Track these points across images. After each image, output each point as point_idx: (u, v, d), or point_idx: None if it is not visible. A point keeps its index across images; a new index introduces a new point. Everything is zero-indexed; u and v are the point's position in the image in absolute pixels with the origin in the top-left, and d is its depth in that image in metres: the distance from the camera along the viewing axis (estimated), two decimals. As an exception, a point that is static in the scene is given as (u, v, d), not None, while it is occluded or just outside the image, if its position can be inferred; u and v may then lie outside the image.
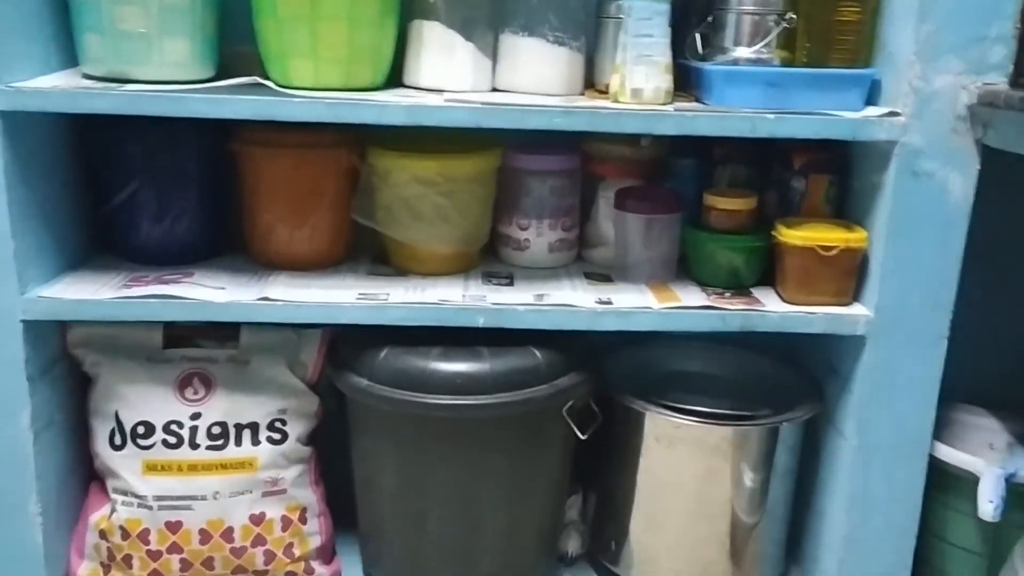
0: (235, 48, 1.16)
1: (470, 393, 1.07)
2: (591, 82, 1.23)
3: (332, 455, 1.23)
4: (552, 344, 1.13)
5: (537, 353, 1.12)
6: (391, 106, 1.02)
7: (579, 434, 1.15)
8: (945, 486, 1.19)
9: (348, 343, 1.16)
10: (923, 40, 1.01)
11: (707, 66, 1.10)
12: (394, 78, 1.16)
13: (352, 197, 1.18)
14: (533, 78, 1.17)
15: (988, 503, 1.09)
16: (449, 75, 1.16)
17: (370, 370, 1.11)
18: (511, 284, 1.18)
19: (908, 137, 1.04)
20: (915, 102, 1.03)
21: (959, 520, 1.20)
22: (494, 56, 1.18)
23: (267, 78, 1.09)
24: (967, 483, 1.15)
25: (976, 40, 1.01)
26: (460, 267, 1.21)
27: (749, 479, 1.17)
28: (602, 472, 1.26)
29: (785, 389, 1.25)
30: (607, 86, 1.14)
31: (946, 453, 1.17)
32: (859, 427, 1.14)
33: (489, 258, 1.27)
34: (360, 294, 1.11)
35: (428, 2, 1.14)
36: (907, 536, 1.18)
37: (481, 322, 1.09)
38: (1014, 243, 1.31)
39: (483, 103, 1.03)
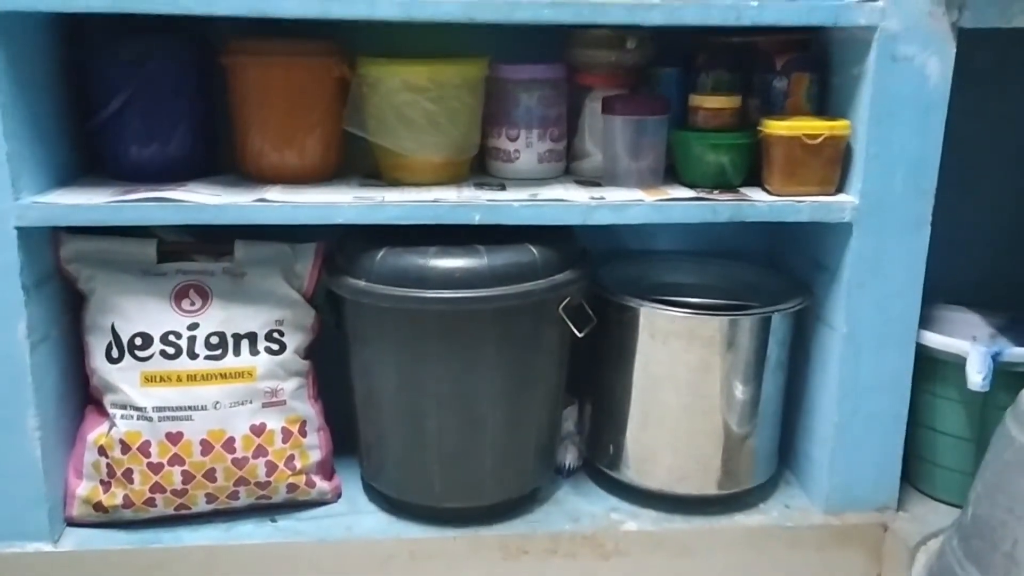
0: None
1: (468, 287, 1.09)
2: None
3: (330, 378, 1.24)
4: (548, 242, 1.15)
5: (533, 250, 1.13)
6: (381, 1, 1.03)
7: (576, 331, 1.16)
8: (932, 374, 1.22)
9: (344, 250, 1.17)
10: (898, -76, 1.04)
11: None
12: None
13: (343, 108, 1.18)
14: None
15: (977, 374, 1.13)
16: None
17: (368, 271, 1.12)
18: (503, 189, 1.19)
19: (886, 22, 1.07)
20: (892, -13, 1.06)
21: (947, 407, 1.23)
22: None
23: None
24: (954, 368, 1.19)
25: (949, -77, 1.04)
26: (451, 177, 1.23)
27: (742, 372, 1.19)
28: (597, 377, 1.27)
29: (774, 292, 1.27)
30: None
31: (932, 339, 1.20)
32: (847, 316, 1.17)
33: (479, 171, 1.29)
34: (355, 196, 1.12)
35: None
36: (898, 422, 1.21)
37: (477, 219, 1.10)
38: (988, 141, 1.35)
39: (473, -5, 1.05)
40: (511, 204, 1.11)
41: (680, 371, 1.19)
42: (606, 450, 1.28)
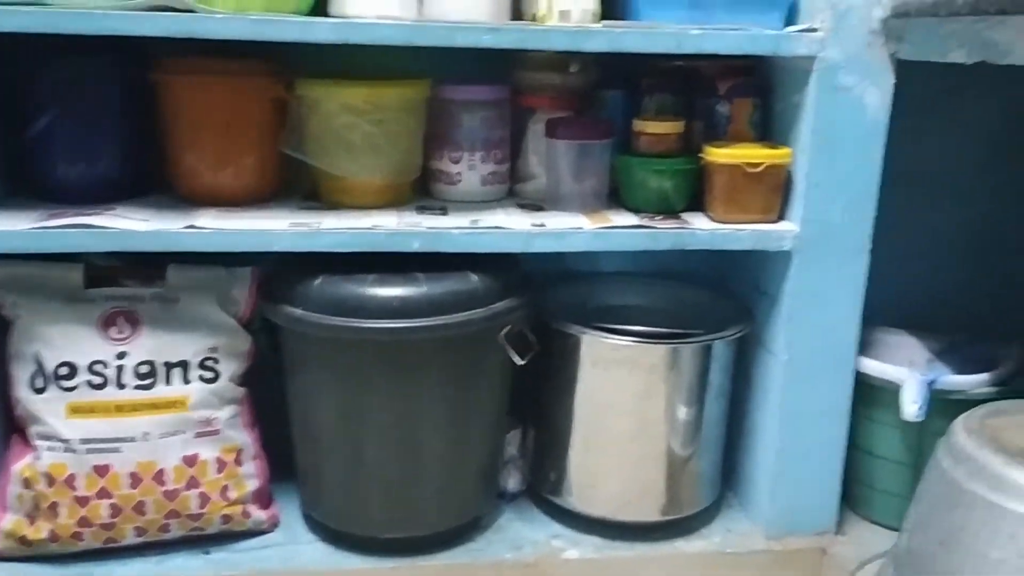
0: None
1: (407, 316, 1.07)
2: (519, 15, 1.23)
3: (266, 404, 1.21)
4: (489, 269, 1.13)
5: (474, 277, 1.12)
6: (317, 23, 1.01)
7: (517, 359, 1.15)
8: (870, 400, 1.23)
9: (281, 277, 1.14)
10: (838, -45, 1.04)
11: (632, -12, 1.11)
12: (320, 10, 1.15)
13: (281, 129, 1.15)
14: (459, 7, 1.17)
15: (912, 404, 1.14)
16: (376, 4, 1.15)
17: (305, 299, 1.09)
18: (445, 214, 1.17)
19: (826, 52, 1.07)
20: (832, 17, 1.06)
21: (884, 432, 1.24)
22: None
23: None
24: (890, 394, 1.19)
25: (888, -45, 1.05)
26: (392, 200, 1.20)
27: (685, 398, 1.19)
28: (540, 403, 1.26)
29: (716, 315, 1.27)
30: (534, 16, 1.15)
31: (870, 366, 1.21)
32: (788, 342, 1.17)
33: (422, 194, 1.27)
34: (292, 223, 1.09)
35: (351, -70, 1.13)
36: (837, 448, 1.22)
37: (416, 246, 1.08)
38: (927, 167, 1.36)
39: (412, 20, 1.02)
40: (450, 232, 1.09)
41: (622, 399, 1.18)
42: (549, 476, 1.27)
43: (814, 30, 1.07)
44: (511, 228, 1.11)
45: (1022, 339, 1.29)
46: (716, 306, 1.31)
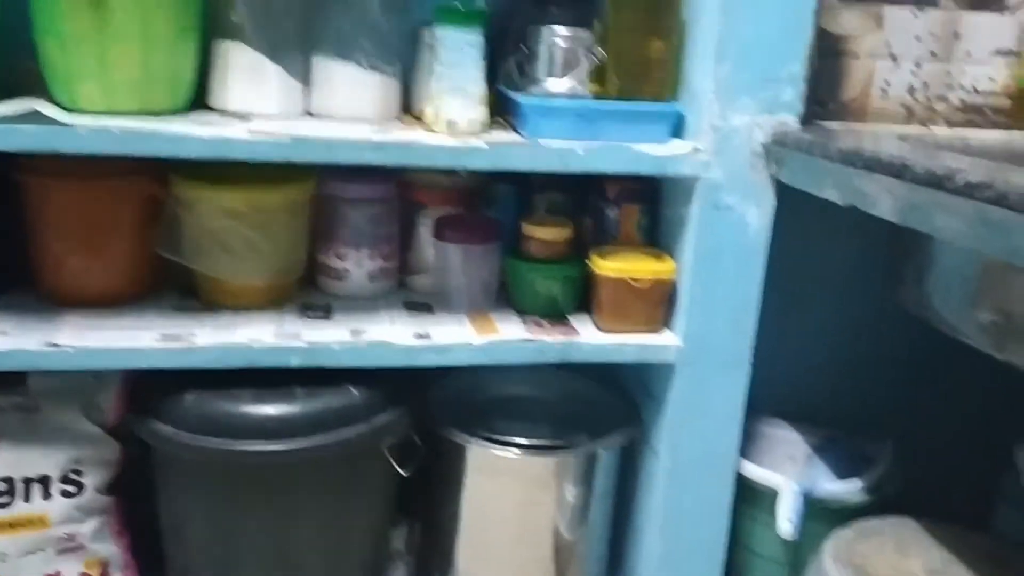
0: (21, 63, 1.06)
1: (282, 437, 1.03)
2: (408, 106, 1.21)
3: (139, 501, 1.15)
4: (371, 380, 1.11)
5: (354, 391, 1.09)
6: (190, 138, 0.96)
7: (400, 471, 1.13)
8: (751, 500, 1.25)
9: (151, 385, 1.09)
10: (720, 80, 1.05)
11: (520, 98, 1.10)
12: (200, 100, 1.10)
13: (155, 229, 1.10)
14: (347, 103, 1.15)
15: (787, 522, 1.16)
16: (257, 99, 1.12)
17: (175, 416, 1.04)
18: (328, 317, 1.14)
19: (709, 173, 1.08)
20: (715, 139, 1.07)
21: (764, 532, 1.26)
22: (307, 79, 1.15)
23: (53, 101, 1.01)
24: (769, 497, 1.22)
25: (769, 81, 1.06)
26: (274, 299, 1.16)
27: (570, 504, 1.19)
28: (427, 503, 1.25)
29: (605, 411, 1.28)
30: (422, 114, 1.13)
31: (750, 470, 1.24)
32: (671, 448, 1.18)
33: (308, 287, 1.23)
34: (162, 335, 1.04)
35: (232, 22, 1.09)
36: (717, 550, 1.23)
37: (295, 362, 1.05)
38: (806, 267, 1.39)
39: (290, 136, 0.99)
40: (330, 347, 1.06)
41: (508, 506, 1.18)
42: (434, 575, 1.25)
43: (699, 151, 1.08)
44: (394, 343, 1.08)
45: (893, 437, 1.33)
46: (605, 401, 1.31)
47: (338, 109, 1.15)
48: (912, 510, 1.20)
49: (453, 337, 1.11)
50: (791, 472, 1.25)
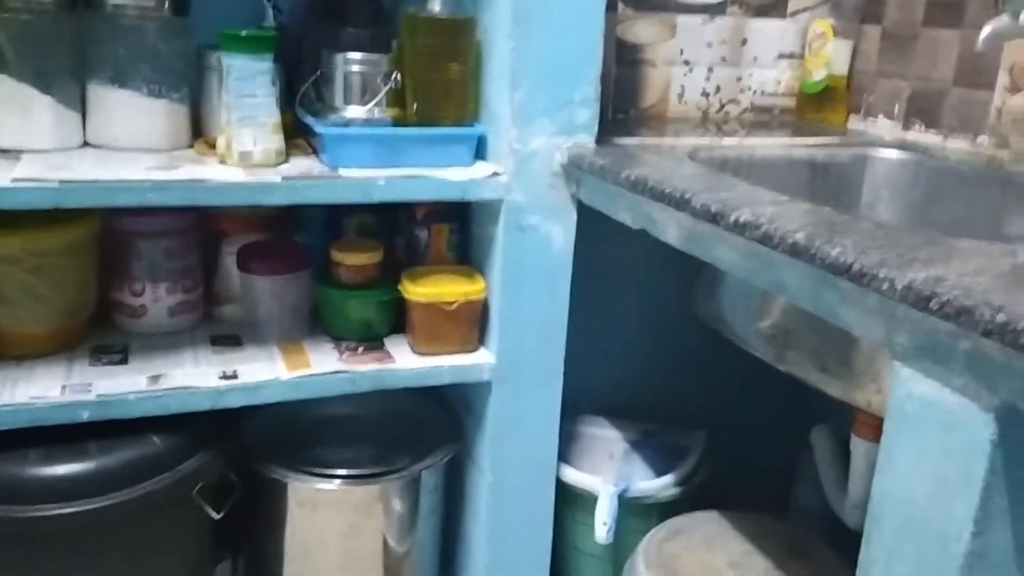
0: None
1: (79, 498, 0.97)
2: (202, 131, 1.15)
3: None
4: (175, 425, 1.06)
5: (156, 439, 1.04)
6: (-57, 187, 0.88)
7: (214, 514, 1.09)
8: (572, 503, 1.30)
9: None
10: (517, 105, 1.06)
11: (319, 126, 1.07)
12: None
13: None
14: (129, 133, 1.09)
15: (603, 525, 1.21)
16: (28, 134, 1.04)
17: (-48, 485, 0.96)
18: (124, 361, 1.08)
19: (512, 195, 1.09)
20: (515, 162, 1.08)
21: (586, 532, 1.30)
22: (83, 109, 1.07)
23: None
24: (588, 499, 1.27)
25: (563, 104, 1.08)
26: (62, 345, 1.09)
27: (396, 527, 1.19)
28: (250, 537, 1.21)
29: (428, 428, 1.28)
30: (215, 144, 1.08)
31: (570, 475, 1.28)
32: (493, 462, 1.20)
33: (102, 326, 1.16)
34: (-68, 398, 0.95)
35: (-9, 52, 1.00)
36: (543, 555, 1.27)
37: (86, 416, 0.99)
38: (615, 272, 1.44)
39: (60, 181, 0.92)
40: (126, 397, 1.00)
41: (332, 537, 1.16)
42: (261, 611, 1.22)
43: (499, 174, 1.09)
44: (197, 387, 1.03)
45: (704, 427, 1.41)
46: (428, 419, 1.31)
47: (120, 139, 1.08)
48: (724, 495, 1.29)
49: (262, 374, 1.07)
50: (609, 472, 1.30)
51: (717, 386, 1.49)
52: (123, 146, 1.08)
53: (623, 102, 1.45)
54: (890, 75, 1.40)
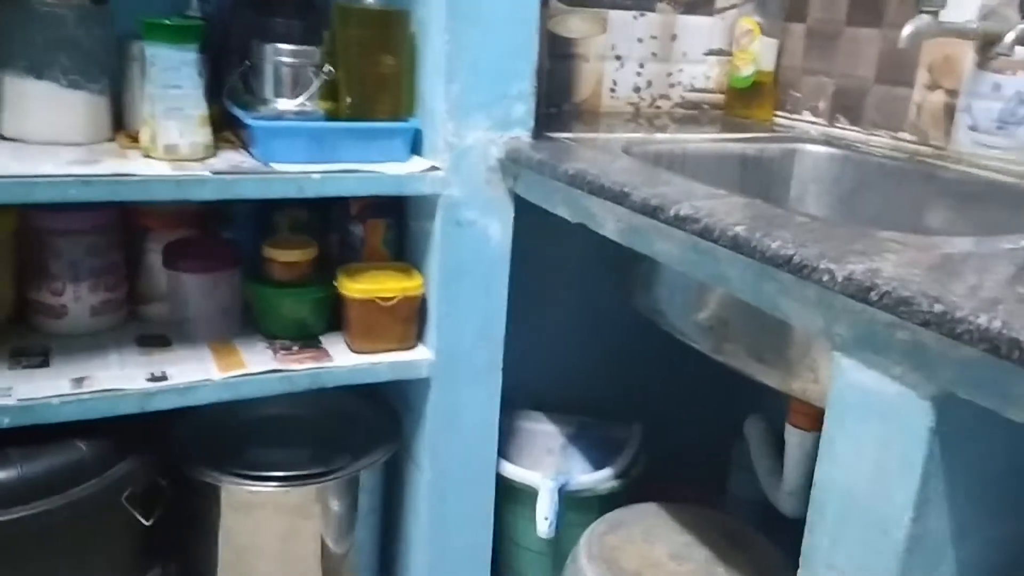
0: None
1: (2, 507, 0.93)
2: (124, 124, 1.11)
3: None
4: (101, 429, 1.01)
5: (82, 445, 1.00)
6: None
7: (144, 521, 1.05)
8: (513, 498, 1.29)
9: None
10: (453, 99, 1.05)
11: (249, 120, 1.04)
12: None
13: None
14: (46, 126, 1.04)
15: (544, 520, 1.21)
16: (-65, 126, 0.98)
17: None
18: (46, 364, 1.03)
19: (448, 190, 1.08)
20: (451, 157, 1.07)
21: (527, 526, 1.31)
22: (-2, 100, 1.02)
23: None
24: (529, 494, 1.27)
25: (499, 98, 1.08)
26: (-23, 349, 1.04)
27: (334, 527, 1.17)
28: (182, 544, 1.17)
29: (365, 426, 1.26)
30: (137, 137, 1.04)
31: (509, 471, 1.27)
32: (432, 459, 1.19)
33: (20, 328, 1.10)
34: None
35: None
36: (483, 551, 1.27)
37: (7, 423, 0.94)
38: (551, 267, 1.44)
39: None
40: (49, 402, 0.96)
41: (268, 540, 1.14)
42: (195, 620, 1.19)
43: (436, 168, 1.08)
44: (125, 389, 0.99)
45: (640, 419, 1.43)
46: (365, 417, 1.29)
47: (37, 132, 1.04)
48: (661, 487, 1.30)
49: (193, 375, 1.04)
50: (549, 466, 1.30)
51: (653, 379, 1.51)
52: (41, 139, 1.03)
53: (556, 96, 1.45)
54: (815, 72, 1.44)
